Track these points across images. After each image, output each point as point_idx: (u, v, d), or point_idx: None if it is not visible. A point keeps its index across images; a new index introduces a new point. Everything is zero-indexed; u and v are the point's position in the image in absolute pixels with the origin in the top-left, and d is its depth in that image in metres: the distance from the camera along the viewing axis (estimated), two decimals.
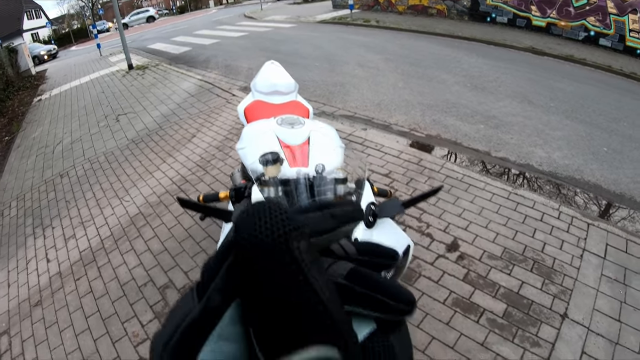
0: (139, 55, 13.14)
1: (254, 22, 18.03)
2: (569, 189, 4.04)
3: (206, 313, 0.30)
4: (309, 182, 1.53)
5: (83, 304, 3.16)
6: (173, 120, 6.41)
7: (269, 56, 8.19)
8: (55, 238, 4.13)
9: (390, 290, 0.36)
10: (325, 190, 1.50)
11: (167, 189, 4.39)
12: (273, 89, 2.80)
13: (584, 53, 9.22)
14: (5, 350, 3.01)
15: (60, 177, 5.54)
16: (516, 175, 4.24)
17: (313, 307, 0.26)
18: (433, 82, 7.19)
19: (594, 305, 2.60)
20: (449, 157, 4.49)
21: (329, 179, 1.54)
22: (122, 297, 3.10)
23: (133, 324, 2.85)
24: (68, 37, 40.49)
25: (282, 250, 0.27)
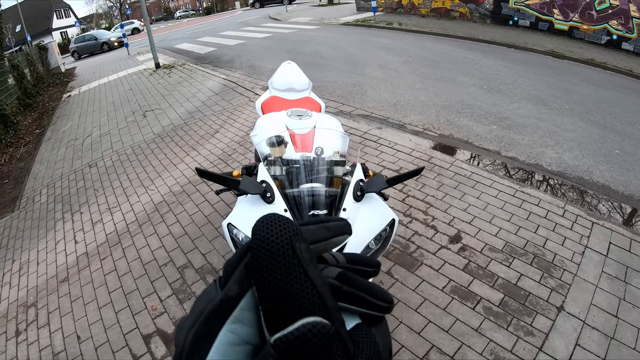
0: (166, 54, 13.51)
1: (278, 24, 18.23)
2: (576, 188, 4.08)
3: (225, 300, 0.36)
4: (309, 162, 1.74)
5: (107, 280, 3.43)
6: (197, 117, 6.70)
7: (292, 57, 8.40)
8: (84, 222, 4.44)
9: (372, 290, 0.42)
10: (322, 170, 1.71)
11: (189, 180, 4.65)
12: (288, 86, 3.04)
13: (606, 57, 9.12)
14: (32, 321, 3.28)
15: (89, 167, 5.88)
16: (524, 174, 4.31)
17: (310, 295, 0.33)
18: (450, 84, 7.26)
19: (592, 300, 2.66)
20: (459, 156, 4.59)
21: (327, 160, 1.77)
22: (144, 275, 3.36)
23: (152, 299, 3.09)
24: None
25: (287, 250, 0.33)
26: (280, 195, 1.58)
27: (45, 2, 43.05)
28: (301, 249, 0.34)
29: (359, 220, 1.58)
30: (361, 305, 0.42)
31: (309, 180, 1.70)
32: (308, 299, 0.33)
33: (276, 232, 0.34)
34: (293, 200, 1.62)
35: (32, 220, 4.92)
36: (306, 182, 1.69)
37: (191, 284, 3.14)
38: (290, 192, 1.65)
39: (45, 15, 42.55)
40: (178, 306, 2.97)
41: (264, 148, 1.96)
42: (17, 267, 4.09)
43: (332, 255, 0.47)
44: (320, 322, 0.32)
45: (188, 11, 50.07)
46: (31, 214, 5.11)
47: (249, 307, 0.37)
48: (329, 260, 0.46)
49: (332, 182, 1.74)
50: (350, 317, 0.42)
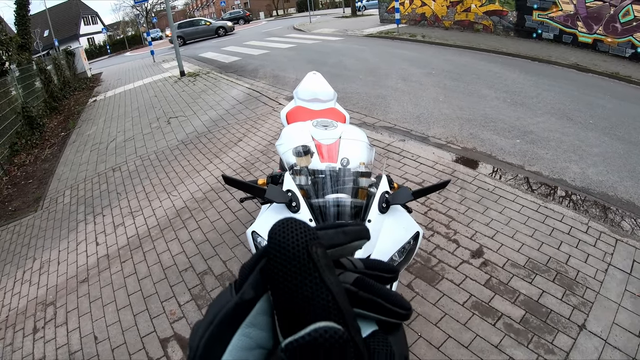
0: (191, 62, 13.77)
1: (302, 35, 18.41)
2: (600, 205, 4.02)
3: (240, 304, 0.36)
4: (334, 173, 1.78)
5: (127, 283, 3.52)
6: (221, 125, 6.82)
7: (316, 68, 8.45)
8: (105, 225, 4.56)
9: (390, 297, 0.41)
10: (348, 181, 1.75)
11: (212, 187, 4.75)
12: (313, 97, 3.08)
13: (630, 70, 8.97)
14: (50, 319, 3.38)
15: (112, 170, 6.05)
16: (548, 190, 4.27)
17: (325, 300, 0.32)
18: (473, 97, 7.24)
19: (614, 319, 2.62)
20: (481, 169, 4.57)
21: (352, 171, 1.82)
22: (164, 280, 3.44)
23: (171, 304, 3.16)
24: (122, 43, 42.52)
25: (303, 254, 0.33)
26: (305, 205, 1.61)
27: (73, 9, 44.27)
28: (317, 253, 0.34)
29: (383, 231, 1.60)
30: (378, 312, 0.41)
31: (334, 190, 1.73)
32: (323, 304, 0.33)
33: (292, 236, 0.35)
34: (318, 210, 1.64)
35: (55, 221, 5.07)
36: (331, 193, 1.72)
37: (211, 290, 3.19)
38: (315, 202, 1.67)
39: (73, 21, 43.75)
40: (197, 312, 3.02)
41: (289, 157, 2.01)
42: (38, 265, 4.22)
43: (350, 260, 0.47)
44: (333, 327, 0.32)
45: None
46: (54, 214, 5.26)
47: (264, 311, 0.37)
48: (347, 265, 0.46)
49: (358, 193, 1.77)
50: (367, 323, 0.42)
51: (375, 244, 1.56)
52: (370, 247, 1.55)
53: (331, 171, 1.82)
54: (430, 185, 1.64)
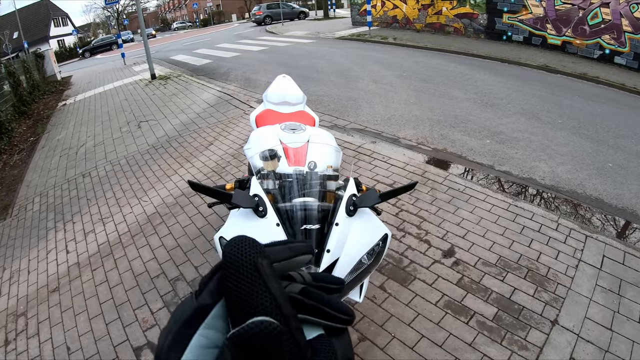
0: (162, 65, 13.56)
1: (274, 37, 18.37)
2: (570, 202, 4.08)
3: (199, 308, 0.42)
4: (302, 177, 1.74)
5: (98, 291, 3.40)
6: (192, 129, 6.70)
7: (288, 71, 8.41)
8: (76, 232, 4.42)
9: (333, 304, 0.47)
10: (316, 184, 1.71)
11: (183, 192, 4.64)
12: (283, 100, 3.04)
13: (598, 71, 9.21)
14: (22, 330, 3.25)
15: (82, 176, 5.87)
16: (518, 189, 4.32)
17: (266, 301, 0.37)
18: (444, 99, 7.30)
19: (586, 313, 2.65)
20: (452, 170, 4.60)
21: (320, 174, 1.78)
22: (135, 287, 3.33)
23: (144, 311, 3.07)
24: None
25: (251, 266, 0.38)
26: (272, 210, 1.57)
27: (43, 10, 43.28)
28: (262, 264, 0.39)
29: (351, 235, 1.57)
30: (323, 318, 0.46)
31: (301, 194, 1.69)
32: (264, 305, 0.37)
33: (242, 250, 0.40)
34: (285, 215, 1.60)
35: (24, 229, 4.89)
36: (299, 197, 1.68)
37: (183, 297, 3.11)
38: (282, 207, 1.63)
39: (43, 22, 42.76)
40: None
41: (257, 162, 1.97)
42: (8, 275, 4.06)
43: (300, 274, 0.52)
44: (268, 320, 0.36)
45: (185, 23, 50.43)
46: (23, 222, 5.08)
47: (220, 316, 0.42)
48: (297, 278, 0.51)
49: (325, 196, 1.74)
50: (313, 328, 0.46)
51: (343, 247, 1.53)
52: (338, 250, 1.52)
53: (298, 175, 1.79)
54: (397, 188, 1.62)
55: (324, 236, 1.54)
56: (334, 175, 1.84)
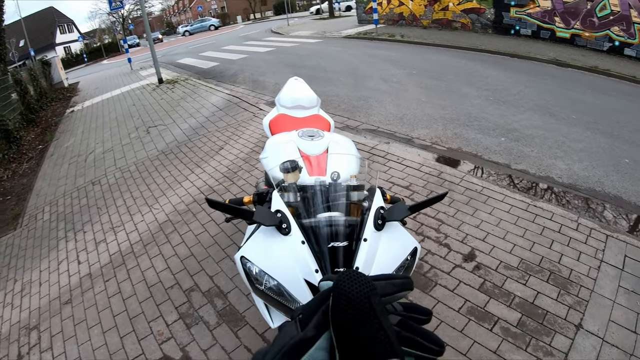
0: (169, 69, 13.58)
1: (280, 38, 18.35)
2: (588, 201, 4.02)
3: (304, 340, 0.43)
4: (324, 188, 1.68)
5: (111, 303, 3.36)
6: (202, 133, 6.68)
7: (295, 71, 8.36)
8: (87, 242, 4.39)
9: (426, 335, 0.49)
10: (340, 196, 1.65)
11: (194, 198, 4.61)
12: (296, 104, 2.98)
13: (609, 64, 9.09)
14: (34, 345, 3.21)
15: (92, 184, 5.86)
16: (535, 188, 4.25)
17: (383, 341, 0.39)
18: (455, 96, 7.24)
19: (610, 316, 2.60)
20: (469, 170, 4.54)
21: (343, 185, 1.71)
22: (149, 298, 3.29)
23: (159, 323, 3.02)
24: (99, 51, 41.82)
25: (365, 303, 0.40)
26: (297, 226, 1.51)
27: (48, 17, 43.55)
28: (376, 302, 0.41)
29: (380, 250, 1.50)
30: (417, 349, 0.49)
31: (325, 207, 1.63)
32: (382, 344, 0.39)
33: (356, 287, 0.41)
34: (310, 231, 1.53)
35: (35, 239, 4.88)
36: (323, 210, 1.61)
37: (198, 308, 3.06)
38: (307, 222, 1.56)
39: (48, 30, 43.02)
40: (185, 331, 2.89)
41: (276, 173, 1.91)
42: (19, 287, 4.04)
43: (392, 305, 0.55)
44: None
45: None
46: (34, 232, 5.07)
47: (323, 348, 0.44)
48: (389, 309, 0.54)
49: (350, 209, 1.66)
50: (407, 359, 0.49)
51: (372, 265, 1.46)
52: (367, 268, 1.44)
53: (321, 186, 1.71)
54: (427, 199, 1.56)
55: (351, 253, 1.47)
56: (359, 185, 1.75)
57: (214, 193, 4.60)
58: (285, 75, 9.74)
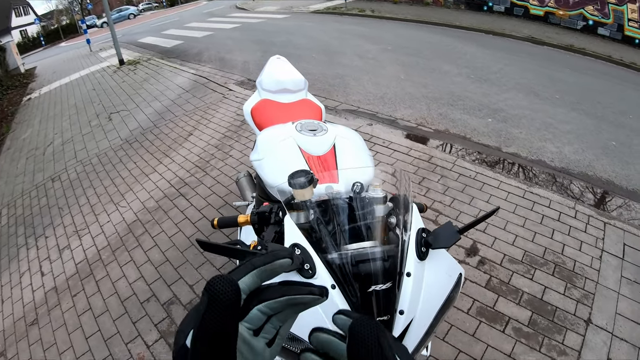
0: (130, 49, 12.84)
1: (246, 14, 17.77)
2: (582, 185, 3.97)
3: None
4: (344, 204, 1.32)
5: (82, 322, 2.96)
6: (168, 118, 6.19)
7: (264, 48, 7.96)
8: (49, 249, 3.93)
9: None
10: (366, 213, 1.28)
11: (165, 193, 4.21)
12: (281, 87, 2.64)
13: (583, 42, 9.15)
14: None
15: (51, 181, 5.33)
16: (529, 172, 4.15)
17: None
18: (435, 74, 7.07)
19: (616, 309, 2.55)
20: (459, 154, 4.37)
21: (367, 199, 1.35)
22: (124, 315, 2.92)
23: (138, 345, 2.67)
24: (57, 33, 39.81)
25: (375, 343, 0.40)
26: (323, 267, 1.12)
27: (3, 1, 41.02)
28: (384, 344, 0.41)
29: (425, 284, 1.17)
30: None
31: (350, 229, 1.25)
32: None
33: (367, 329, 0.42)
34: (339, 270, 1.14)
35: None
36: (349, 237, 1.24)
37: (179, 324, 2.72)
38: (335, 259, 1.15)
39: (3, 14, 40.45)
40: (168, 353, 2.56)
41: (282, 185, 1.45)
42: None
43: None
44: None
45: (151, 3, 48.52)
46: None
47: None
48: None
49: (377, 230, 1.27)
50: None
51: (418, 304, 1.14)
52: (413, 309, 1.12)
53: (342, 201, 1.32)
54: (478, 217, 1.21)
55: (392, 291, 1.12)
56: (384, 197, 1.36)
57: (186, 186, 4.22)
58: (254, 53, 9.40)
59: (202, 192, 4.03)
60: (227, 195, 3.89)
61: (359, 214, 1.29)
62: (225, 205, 3.75)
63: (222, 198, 3.86)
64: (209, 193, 3.98)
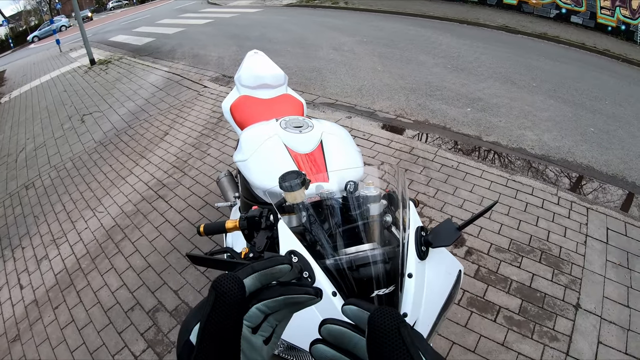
0: (101, 49, 12.52)
1: (218, 9, 17.47)
2: (563, 172, 4.00)
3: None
4: (338, 204, 1.29)
5: (66, 336, 2.83)
6: (142, 118, 6.03)
7: (238, 43, 7.80)
8: (27, 260, 3.77)
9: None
10: (361, 213, 1.25)
11: (143, 196, 4.08)
12: (260, 82, 2.56)
13: (557, 30, 9.26)
14: None
15: (25, 188, 5.13)
16: (511, 161, 4.17)
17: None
18: (412, 64, 7.06)
19: (603, 292, 2.59)
20: (440, 144, 4.37)
21: (362, 198, 1.30)
22: (109, 326, 2.79)
23: (124, 356, 2.56)
24: (26, 35, 38.52)
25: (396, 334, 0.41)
26: (322, 274, 1.05)
27: None
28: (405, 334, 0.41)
29: (427, 283, 1.13)
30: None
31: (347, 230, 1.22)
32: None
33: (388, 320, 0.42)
34: (339, 275, 1.08)
35: None
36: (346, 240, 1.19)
37: (168, 332, 2.63)
38: (334, 264, 1.09)
39: None
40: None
41: (271, 187, 1.43)
42: None
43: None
44: None
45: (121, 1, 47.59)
46: None
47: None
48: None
49: (373, 230, 1.24)
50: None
51: (421, 305, 1.09)
52: (417, 310, 1.08)
53: (335, 201, 1.28)
54: (477, 213, 1.16)
55: (395, 294, 1.08)
56: (377, 195, 1.30)
57: (164, 188, 4.09)
58: (228, 48, 9.25)
59: (182, 193, 3.92)
60: (207, 195, 3.80)
61: (354, 214, 1.25)
62: (206, 205, 3.65)
63: (202, 199, 3.76)
64: (189, 194, 3.88)
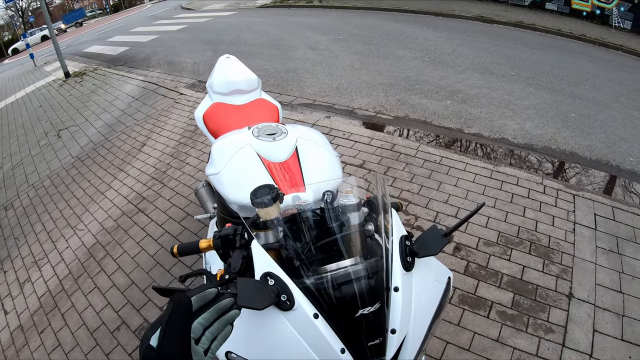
0: (75, 60, 12.27)
1: (192, 14, 17.31)
2: (547, 160, 3.98)
3: None
4: (316, 217, 1.20)
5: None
6: (119, 129, 5.87)
7: (214, 47, 7.67)
8: (9, 284, 3.63)
9: None
10: (341, 224, 1.15)
11: (123, 210, 3.95)
12: (233, 88, 2.46)
13: (532, 18, 9.31)
14: None
15: (4, 210, 4.97)
16: (494, 151, 4.13)
17: None
18: (389, 60, 7.01)
19: (596, 280, 2.57)
20: (422, 139, 4.31)
21: (341, 207, 1.20)
22: (96, 348, 2.69)
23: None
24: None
25: None
26: (302, 295, 0.96)
27: None
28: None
29: (415, 295, 1.05)
30: None
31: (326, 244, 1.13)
32: None
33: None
34: (320, 295, 0.98)
35: None
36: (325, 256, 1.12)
37: None
38: (314, 284, 0.99)
39: None
40: None
41: (244, 202, 1.35)
42: None
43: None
44: None
45: (95, 11, 46.98)
46: None
47: None
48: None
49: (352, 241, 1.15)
50: None
51: (410, 319, 1.01)
52: (405, 325, 0.99)
53: (312, 213, 1.19)
54: (465, 216, 1.12)
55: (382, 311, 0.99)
56: (357, 203, 1.20)
57: (144, 201, 3.97)
58: (203, 53, 9.11)
59: (162, 206, 3.80)
60: (187, 206, 3.69)
61: (333, 227, 1.16)
62: (186, 217, 3.54)
63: (182, 210, 3.65)
64: (169, 206, 3.77)
